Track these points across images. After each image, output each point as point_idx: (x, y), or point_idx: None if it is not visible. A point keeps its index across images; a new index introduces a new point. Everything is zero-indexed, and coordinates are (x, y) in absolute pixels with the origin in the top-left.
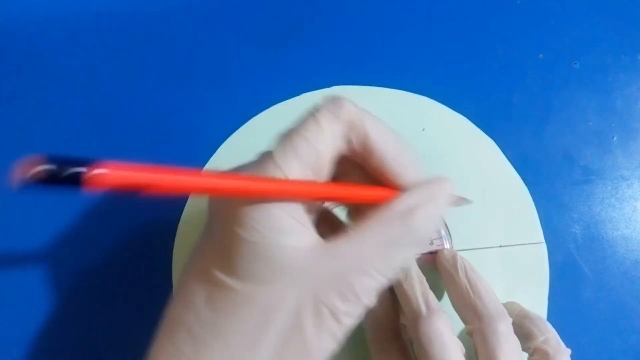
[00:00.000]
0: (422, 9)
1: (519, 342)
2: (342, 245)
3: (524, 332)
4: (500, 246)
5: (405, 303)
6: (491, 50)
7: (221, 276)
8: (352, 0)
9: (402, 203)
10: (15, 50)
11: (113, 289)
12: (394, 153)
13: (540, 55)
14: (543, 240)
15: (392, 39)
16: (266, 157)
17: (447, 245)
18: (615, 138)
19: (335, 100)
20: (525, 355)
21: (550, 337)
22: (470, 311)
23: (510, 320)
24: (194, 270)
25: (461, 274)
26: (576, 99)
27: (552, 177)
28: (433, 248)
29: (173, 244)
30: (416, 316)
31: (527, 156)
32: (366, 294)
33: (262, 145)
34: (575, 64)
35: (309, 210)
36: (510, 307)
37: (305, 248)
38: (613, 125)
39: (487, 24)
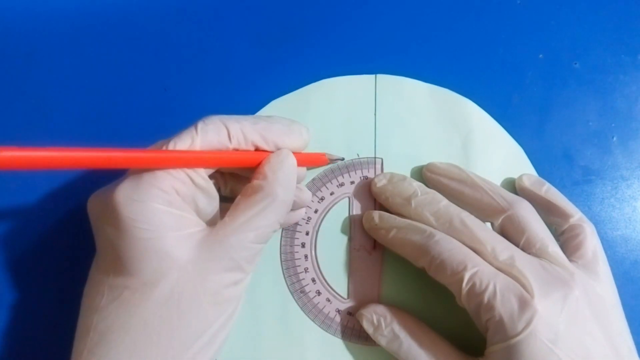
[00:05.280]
0: (421, 9)
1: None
2: (221, 229)
3: (558, 209)
4: None
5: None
6: (491, 50)
7: (117, 280)
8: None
9: (257, 180)
10: (15, 50)
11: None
12: None
13: (540, 55)
14: None
15: (390, 38)
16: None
17: None
18: (615, 138)
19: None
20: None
21: (583, 216)
22: (491, 205)
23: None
24: (93, 281)
25: (468, 173)
26: (576, 99)
27: (552, 177)
28: None
29: None
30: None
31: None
32: (247, 262)
33: None
34: (575, 64)
35: (202, 182)
36: (537, 186)
37: (190, 237)
38: (613, 125)
39: (487, 24)
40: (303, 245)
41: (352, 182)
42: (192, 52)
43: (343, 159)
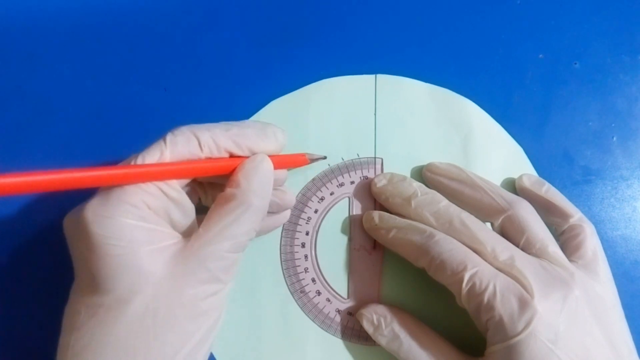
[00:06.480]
0: (421, 9)
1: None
2: (195, 241)
3: (558, 209)
4: None
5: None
6: (491, 50)
7: (92, 299)
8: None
9: (230, 187)
10: (15, 50)
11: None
12: None
13: (540, 55)
14: None
15: (390, 38)
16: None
17: None
18: (615, 138)
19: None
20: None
21: (583, 216)
22: (491, 205)
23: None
24: (72, 301)
25: (468, 173)
26: (576, 99)
27: (552, 177)
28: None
29: None
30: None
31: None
32: (224, 272)
33: None
34: (575, 64)
35: (174, 193)
36: (537, 186)
37: (164, 250)
38: (613, 125)
39: (487, 24)
40: (303, 245)
41: (352, 182)
42: (192, 52)
43: (325, 157)
